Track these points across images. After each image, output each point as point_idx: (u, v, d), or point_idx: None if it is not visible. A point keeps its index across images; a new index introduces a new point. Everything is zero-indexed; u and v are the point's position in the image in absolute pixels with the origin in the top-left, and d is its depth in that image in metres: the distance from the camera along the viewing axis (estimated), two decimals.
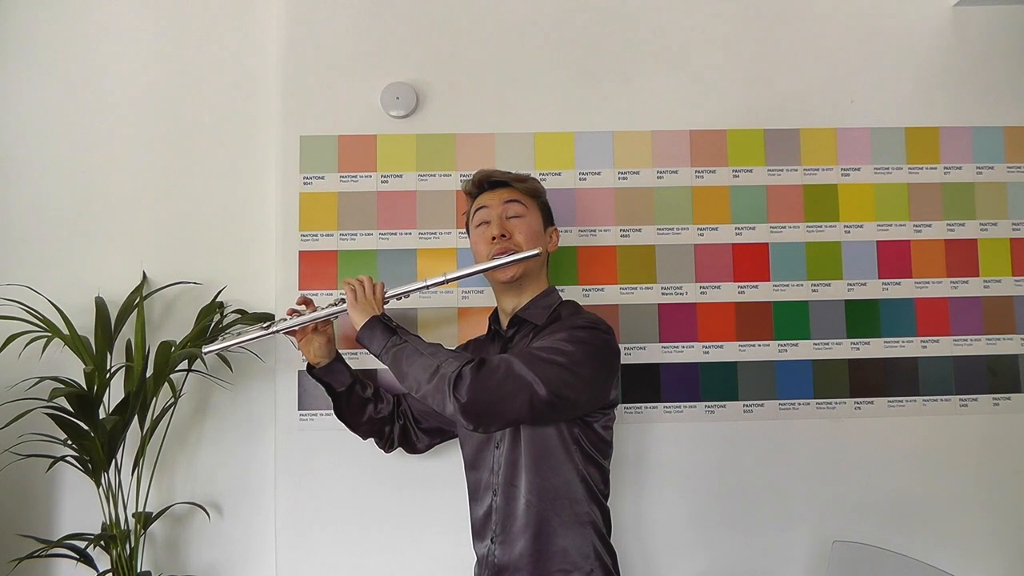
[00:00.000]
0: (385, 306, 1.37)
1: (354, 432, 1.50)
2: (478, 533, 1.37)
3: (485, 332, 1.51)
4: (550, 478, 1.26)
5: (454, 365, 1.18)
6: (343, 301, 1.37)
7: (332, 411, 1.48)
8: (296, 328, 1.40)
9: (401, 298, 1.40)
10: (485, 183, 1.43)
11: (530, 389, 1.16)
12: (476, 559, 1.39)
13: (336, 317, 1.41)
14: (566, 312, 1.36)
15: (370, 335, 1.29)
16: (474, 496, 1.39)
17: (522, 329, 1.37)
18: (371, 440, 1.53)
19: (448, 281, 1.38)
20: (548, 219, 1.46)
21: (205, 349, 1.41)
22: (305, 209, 1.68)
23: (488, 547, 1.32)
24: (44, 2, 1.78)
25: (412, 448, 1.53)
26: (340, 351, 1.50)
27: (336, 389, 1.45)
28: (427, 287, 1.38)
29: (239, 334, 1.40)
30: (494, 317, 1.47)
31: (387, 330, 1.29)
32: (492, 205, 1.39)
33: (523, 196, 1.40)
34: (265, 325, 1.40)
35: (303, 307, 1.43)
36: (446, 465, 1.60)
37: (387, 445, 1.51)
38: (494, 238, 1.35)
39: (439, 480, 1.61)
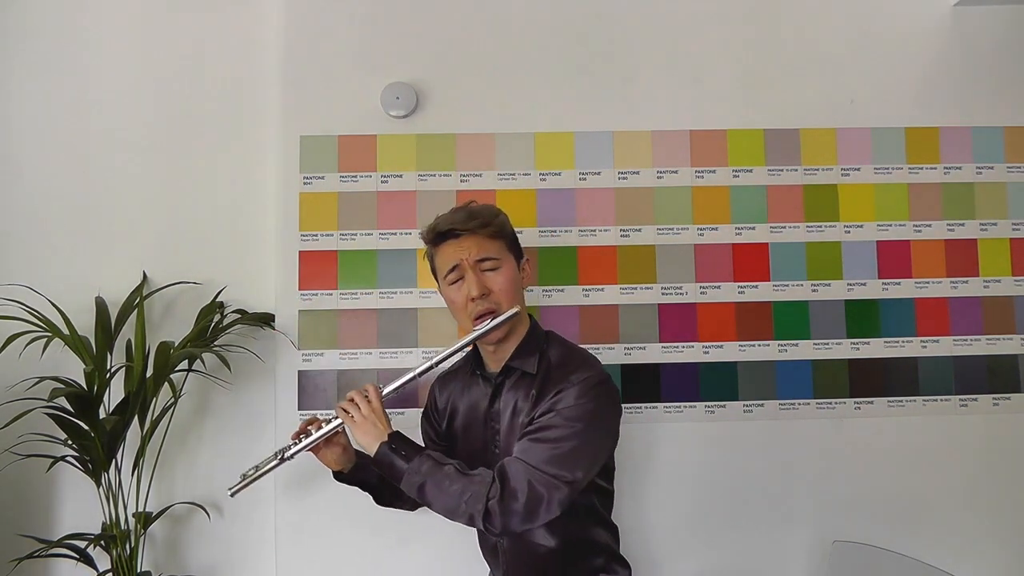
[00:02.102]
0: (392, 390, 1.29)
1: (401, 509, 1.44)
2: (489, 559, 1.37)
3: (464, 360, 1.41)
4: (565, 521, 1.21)
5: (478, 498, 1.13)
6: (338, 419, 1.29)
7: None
8: (310, 448, 1.32)
9: (398, 392, 1.29)
10: (449, 235, 1.28)
11: (553, 494, 1.13)
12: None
13: (343, 428, 1.31)
14: (555, 354, 1.28)
15: (385, 465, 1.21)
16: None
17: (511, 375, 1.29)
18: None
19: (437, 363, 1.28)
20: (519, 253, 1.34)
21: (231, 491, 1.33)
22: (305, 209, 1.68)
23: None
24: (44, 3, 1.78)
25: None
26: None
27: (370, 482, 1.39)
28: (419, 375, 1.28)
29: (256, 468, 1.32)
30: (477, 360, 1.36)
31: (401, 459, 1.20)
32: (463, 261, 1.26)
33: (492, 243, 1.28)
34: (278, 454, 1.32)
35: (311, 427, 1.33)
36: None
37: None
38: (473, 299, 1.25)
39: None
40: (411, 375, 1.29)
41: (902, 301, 1.71)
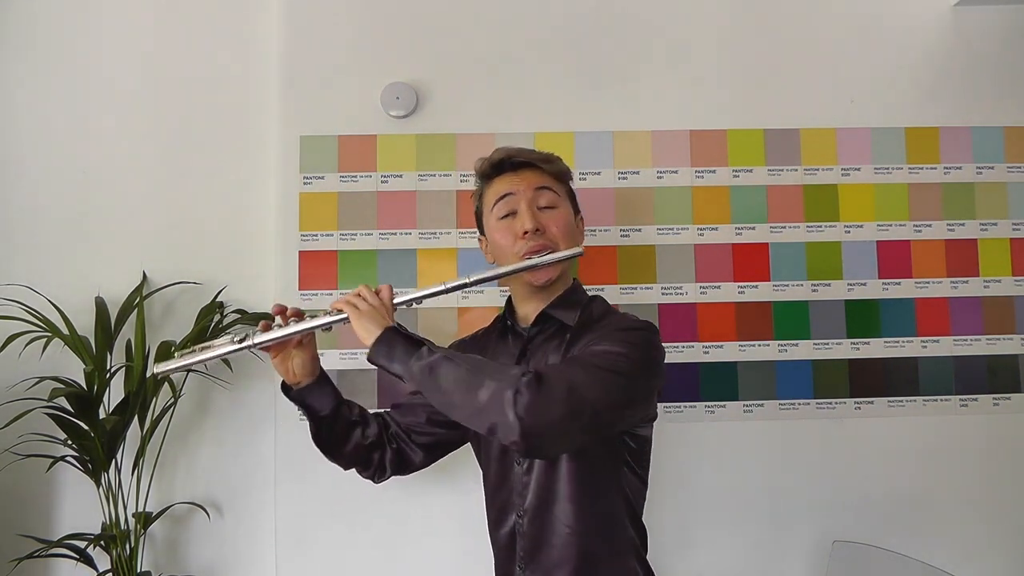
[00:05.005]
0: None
1: (334, 461, 1.24)
2: (502, 552, 1.21)
3: (488, 327, 1.33)
4: (594, 503, 1.12)
5: (507, 381, 0.97)
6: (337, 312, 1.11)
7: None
8: (277, 343, 1.12)
9: (412, 305, 1.14)
10: (506, 164, 1.20)
11: (594, 405, 0.99)
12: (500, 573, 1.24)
13: (330, 328, 1.13)
14: (599, 310, 1.20)
15: (388, 351, 1.03)
16: (493, 510, 1.23)
17: (547, 328, 1.18)
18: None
19: (473, 284, 1.13)
20: (575, 205, 1.25)
21: (157, 368, 1.11)
22: (305, 209, 1.68)
23: (518, 574, 1.17)
24: (44, 3, 1.78)
25: (409, 469, 1.30)
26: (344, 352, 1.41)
27: (319, 413, 1.18)
28: (447, 291, 1.12)
29: (202, 349, 1.11)
30: (510, 311, 1.26)
31: (410, 342, 1.03)
32: (520, 191, 1.17)
33: (554, 182, 1.20)
34: (239, 338, 1.10)
35: (280, 318, 1.15)
36: (447, 464, 1.59)
37: (376, 474, 1.26)
38: (526, 232, 1.14)
39: (440, 480, 1.60)
40: (436, 289, 1.12)
41: (902, 301, 1.71)
